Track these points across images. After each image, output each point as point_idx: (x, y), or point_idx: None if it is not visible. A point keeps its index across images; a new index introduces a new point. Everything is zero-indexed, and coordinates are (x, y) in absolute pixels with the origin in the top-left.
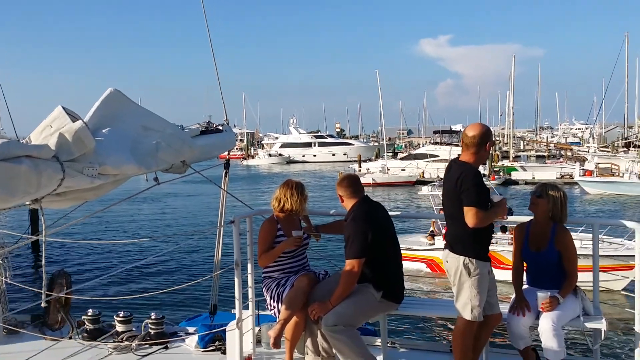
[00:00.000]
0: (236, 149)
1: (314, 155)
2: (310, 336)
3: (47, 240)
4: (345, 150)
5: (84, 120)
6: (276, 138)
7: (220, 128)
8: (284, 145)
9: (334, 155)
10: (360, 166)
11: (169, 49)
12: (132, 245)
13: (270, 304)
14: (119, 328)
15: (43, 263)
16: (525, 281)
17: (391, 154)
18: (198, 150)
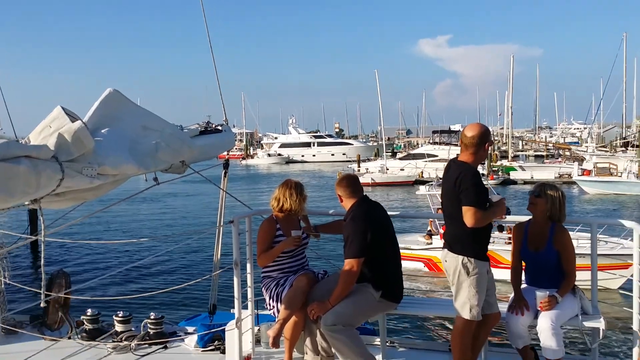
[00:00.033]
0: (235, 149)
1: (313, 155)
2: (309, 336)
3: (46, 241)
4: (344, 150)
5: (83, 120)
6: (275, 138)
7: (220, 128)
8: (283, 145)
9: (333, 155)
10: (359, 166)
11: (169, 49)
12: (132, 245)
13: (270, 304)
14: (118, 328)
15: (42, 263)
16: (523, 280)
17: (390, 153)
18: (197, 151)
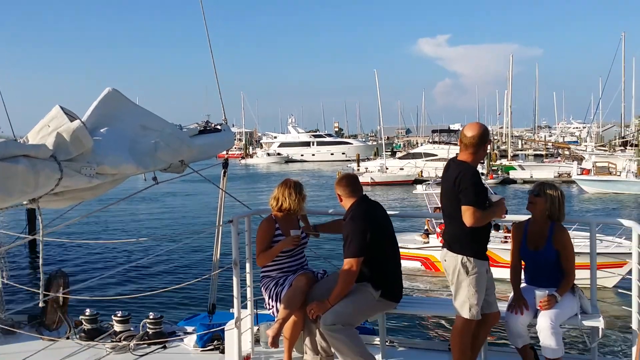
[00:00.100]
0: (235, 148)
1: (313, 155)
2: (308, 335)
3: (45, 240)
4: (343, 150)
5: (82, 119)
6: (275, 137)
7: (219, 127)
8: (283, 145)
9: (332, 154)
10: (358, 165)
11: (169, 49)
12: (130, 244)
13: (269, 303)
14: (117, 328)
15: (40, 263)
16: (523, 280)
17: (389, 153)
18: (196, 150)
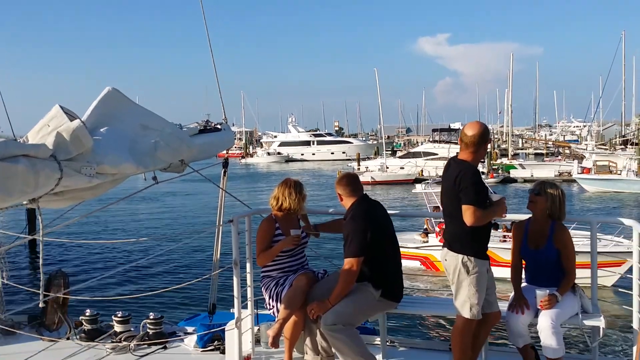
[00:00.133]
0: (235, 147)
1: (313, 154)
2: (309, 335)
3: (45, 240)
4: (344, 149)
5: (82, 119)
6: (275, 137)
7: (219, 127)
8: (283, 144)
9: (332, 153)
10: (359, 164)
11: (169, 49)
12: (130, 244)
13: (269, 303)
14: (117, 328)
15: (40, 263)
16: (523, 279)
17: (390, 152)
18: (196, 149)
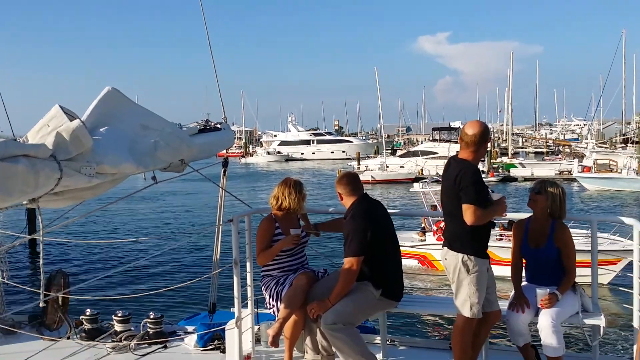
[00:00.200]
0: (235, 147)
1: (313, 153)
2: (309, 335)
3: (45, 240)
4: (344, 148)
5: (82, 119)
6: (275, 136)
7: (219, 126)
8: (283, 143)
9: (332, 152)
10: (359, 164)
11: (169, 49)
12: (131, 244)
13: (270, 303)
14: (118, 328)
15: (41, 263)
16: (524, 278)
17: (390, 151)
18: (196, 149)
